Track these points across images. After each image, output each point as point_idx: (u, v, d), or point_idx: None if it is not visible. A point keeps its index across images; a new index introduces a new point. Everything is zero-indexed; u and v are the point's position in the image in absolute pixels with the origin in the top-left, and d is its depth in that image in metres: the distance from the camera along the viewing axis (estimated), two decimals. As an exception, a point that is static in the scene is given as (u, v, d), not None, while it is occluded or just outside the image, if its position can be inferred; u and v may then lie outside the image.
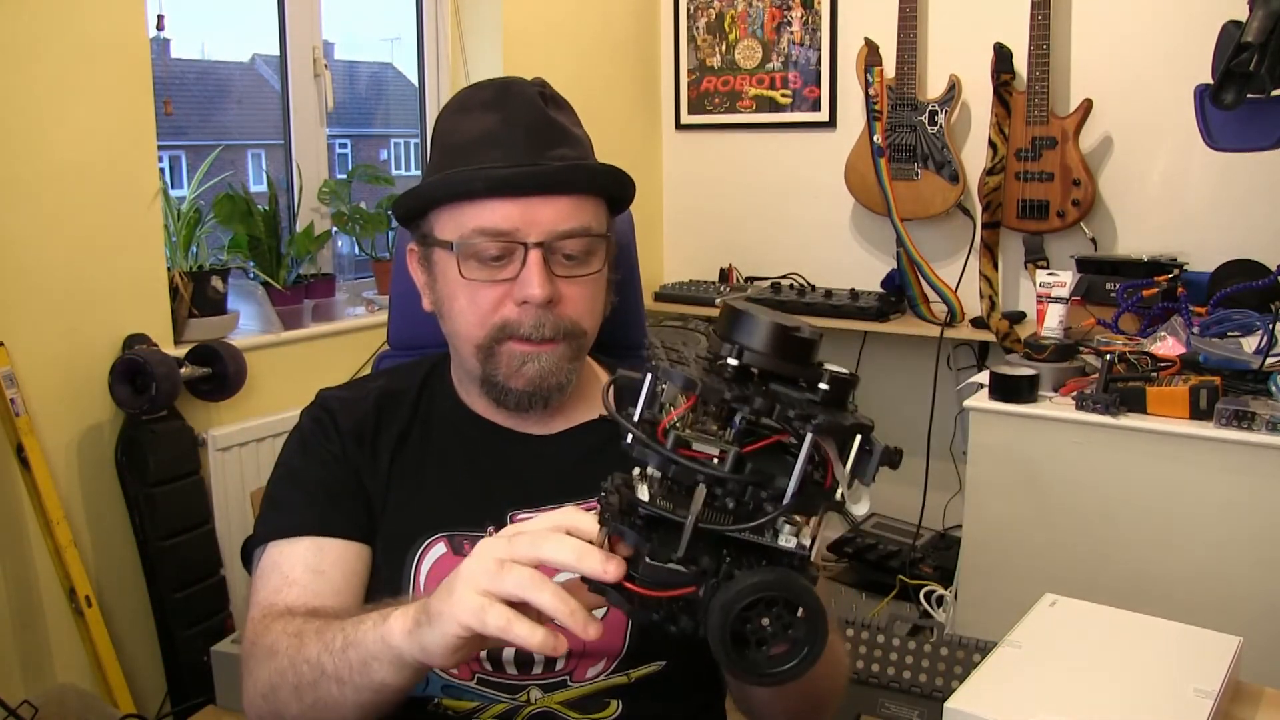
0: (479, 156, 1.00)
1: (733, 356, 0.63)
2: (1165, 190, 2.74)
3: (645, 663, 1.02)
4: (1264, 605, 1.79)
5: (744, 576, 0.62)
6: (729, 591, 0.62)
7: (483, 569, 0.70)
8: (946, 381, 3.01)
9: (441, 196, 1.02)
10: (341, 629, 0.83)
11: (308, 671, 0.83)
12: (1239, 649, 0.94)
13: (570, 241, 1.01)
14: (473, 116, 1.04)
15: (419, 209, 1.05)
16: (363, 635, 0.80)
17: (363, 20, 2.96)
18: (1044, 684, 0.87)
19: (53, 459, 1.96)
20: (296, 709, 0.85)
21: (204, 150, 2.45)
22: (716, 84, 3.42)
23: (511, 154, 0.99)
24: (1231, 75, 1.98)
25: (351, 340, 2.54)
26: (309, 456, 1.07)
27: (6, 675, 1.91)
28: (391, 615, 0.78)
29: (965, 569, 2.15)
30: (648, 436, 0.65)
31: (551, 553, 0.68)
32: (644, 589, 0.64)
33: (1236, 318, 2.09)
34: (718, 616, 0.62)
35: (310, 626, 0.87)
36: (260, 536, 1.03)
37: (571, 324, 1.03)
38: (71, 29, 1.95)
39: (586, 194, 1.02)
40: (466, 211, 1.00)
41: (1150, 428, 1.89)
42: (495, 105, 1.04)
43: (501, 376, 1.03)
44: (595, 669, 1.01)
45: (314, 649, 0.84)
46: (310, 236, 2.52)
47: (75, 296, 1.99)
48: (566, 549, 0.68)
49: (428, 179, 1.05)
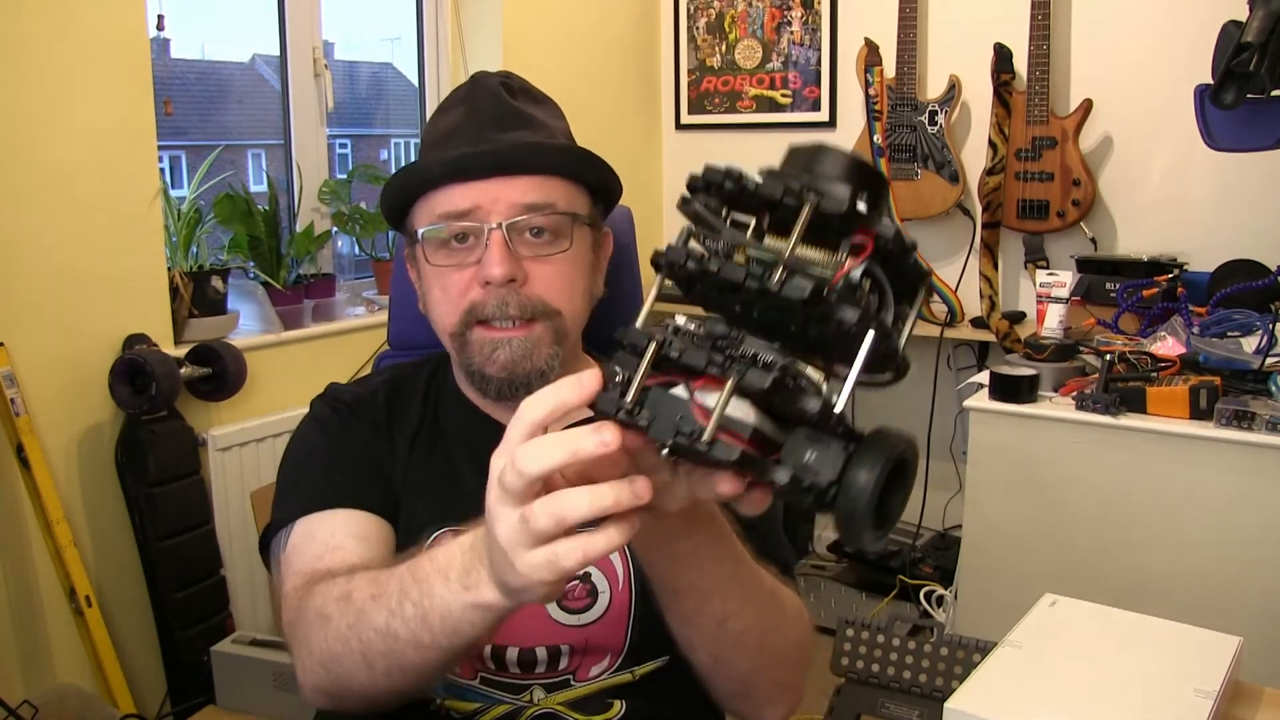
0: (444, 149, 1.02)
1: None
2: (1165, 190, 2.74)
3: (649, 659, 1.01)
4: (1264, 605, 1.79)
5: (883, 434, 0.56)
6: (882, 449, 0.54)
7: (512, 530, 0.62)
8: (946, 381, 3.01)
9: (406, 189, 1.04)
10: (403, 593, 0.76)
11: (376, 640, 0.78)
12: (1239, 649, 0.94)
13: (535, 218, 1.00)
14: (446, 115, 1.07)
15: (398, 207, 1.06)
16: (441, 601, 0.73)
17: (363, 20, 2.96)
18: (1044, 684, 0.87)
19: (53, 459, 1.96)
20: (366, 677, 0.80)
21: (204, 150, 2.45)
22: (716, 84, 3.42)
23: (472, 141, 1.01)
24: (1231, 75, 1.98)
25: (351, 340, 2.54)
26: (331, 439, 1.06)
27: (6, 675, 1.91)
28: (470, 578, 0.71)
29: (965, 569, 2.15)
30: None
31: (535, 464, 0.59)
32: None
33: (1236, 318, 2.09)
34: (867, 476, 0.54)
35: (358, 589, 0.81)
36: (286, 516, 0.99)
37: (540, 303, 1.01)
38: (71, 29, 1.95)
39: (553, 175, 1.02)
40: (433, 200, 1.01)
41: (1150, 428, 1.89)
42: (463, 100, 1.06)
43: (477, 364, 1.02)
44: (599, 667, 1.00)
45: (380, 617, 0.77)
46: (310, 236, 2.52)
47: (75, 296, 1.99)
48: (553, 448, 0.59)
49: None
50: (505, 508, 0.62)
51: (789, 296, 0.51)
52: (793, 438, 0.57)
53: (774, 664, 0.90)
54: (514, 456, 0.60)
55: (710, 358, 0.55)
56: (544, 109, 1.08)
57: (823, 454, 0.56)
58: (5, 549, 1.92)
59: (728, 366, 0.54)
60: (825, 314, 0.52)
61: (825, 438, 0.56)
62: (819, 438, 0.56)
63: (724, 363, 0.55)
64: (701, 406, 0.55)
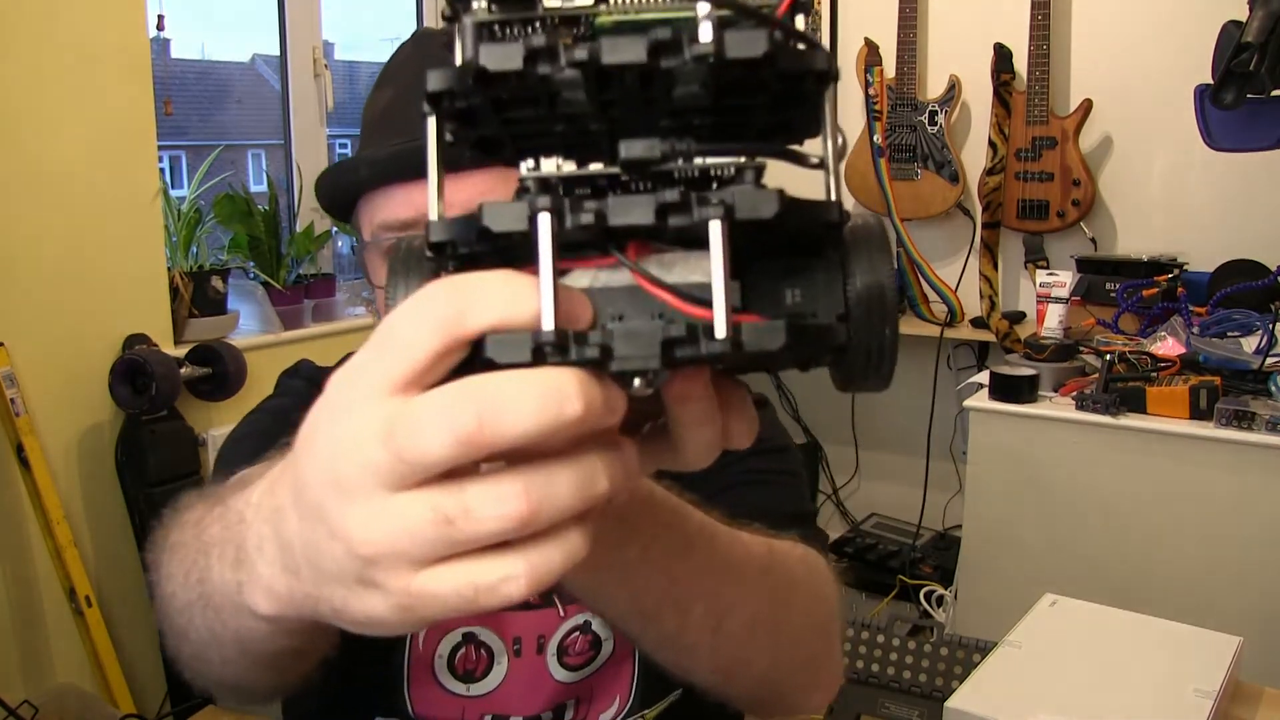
0: (377, 139, 0.82)
1: None
2: (1165, 190, 2.73)
3: (660, 696, 0.87)
4: (1264, 605, 1.79)
5: (858, 231, 0.39)
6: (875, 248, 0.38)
7: (409, 531, 0.34)
8: (946, 382, 3.01)
9: (338, 190, 0.85)
10: (202, 549, 0.52)
11: (196, 602, 0.54)
12: (1239, 649, 0.94)
13: None
14: (381, 90, 0.85)
15: (337, 209, 0.87)
16: (220, 581, 0.49)
17: (363, 20, 2.96)
18: (1044, 684, 0.87)
19: (53, 459, 1.95)
20: (190, 651, 0.59)
21: (204, 150, 2.45)
22: (716, 84, 3.41)
23: (411, 128, 0.79)
24: (1231, 75, 1.98)
25: (351, 340, 2.54)
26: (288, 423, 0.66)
27: (6, 675, 1.91)
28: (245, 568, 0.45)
29: (965, 569, 2.15)
30: None
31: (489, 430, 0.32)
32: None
33: (1236, 318, 2.09)
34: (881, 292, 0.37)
35: (207, 517, 0.54)
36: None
37: None
38: (71, 29, 1.95)
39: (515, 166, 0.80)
40: (371, 204, 0.82)
41: (1150, 428, 1.89)
42: (401, 68, 0.85)
43: None
44: (608, 714, 0.87)
45: (199, 554, 0.53)
46: (310, 236, 2.52)
47: (75, 296, 1.99)
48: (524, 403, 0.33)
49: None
50: (388, 490, 0.34)
51: (739, 56, 0.32)
52: (754, 276, 0.38)
53: (796, 645, 0.69)
54: (423, 405, 0.33)
55: (660, 204, 0.33)
56: None
57: (807, 283, 0.38)
58: (5, 549, 1.92)
59: (688, 206, 0.33)
60: (785, 72, 0.33)
61: (796, 260, 0.38)
62: (794, 266, 0.38)
63: (678, 204, 0.34)
64: (663, 285, 0.35)
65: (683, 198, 0.33)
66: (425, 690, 0.84)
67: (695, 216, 0.33)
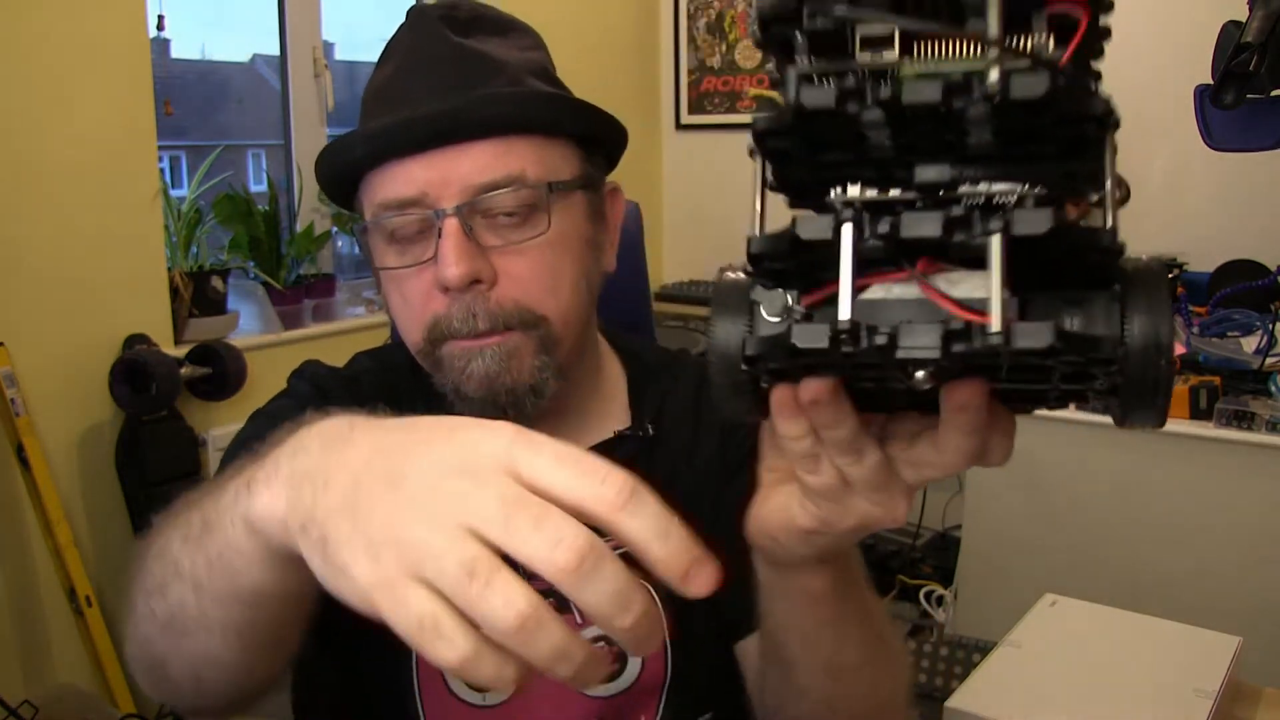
0: (376, 115, 0.80)
1: None
2: (1165, 190, 2.73)
3: (692, 718, 0.84)
4: (1264, 605, 1.79)
5: (1138, 264, 0.43)
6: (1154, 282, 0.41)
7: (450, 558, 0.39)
8: (946, 381, 3.01)
9: (335, 170, 0.82)
10: (200, 504, 0.56)
11: (159, 572, 0.58)
12: (1239, 649, 0.94)
13: (498, 198, 0.75)
14: (381, 68, 0.84)
15: (338, 192, 0.85)
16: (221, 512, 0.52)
17: (363, 20, 2.96)
18: (1044, 684, 0.87)
19: (53, 459, 1.95)
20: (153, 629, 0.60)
21: (204, 150, 2.45)
22: (716, 84, 3.42)
23: (408, 103, 0.77)
24: (1231, 75, 1.98)
25: (351, 340, 2.53)
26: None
27: (6, 675, 1.91)
28: (258, 479, 0.49)
29: (965, 569, 2.15)
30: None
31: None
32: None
33: (1236, 318, 2.09)
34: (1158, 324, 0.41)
35: (189, 503, 0.60)
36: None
37: (515, 308, 0.77)
38: (72, 29, 1.95)
39: (518, 134, 0.77)
40: (371, 184, 0.79)
41: (1150, 428, 1.89)
42: (398, 46, 0.83)
43: (453, 383, 0.79)
44: None
45: (174, 537, 0.58)
46: (310, 236, 2.53)
47: (75, 296, 1.99)
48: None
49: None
50: (467, 518, 0.39)
51: (1021, 96, 0.35)
52: (1036, 300, 0.42)
53: (879, 713, 0.73)
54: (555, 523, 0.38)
55: (948, 218, 0.38)
56: (507, 40, 0.83)
57: (1086, 311, 0.41)
58: (5, 549, 1.92)
59: (971, 223, 0.38)
60: (1065, 114, 0.38)
61: (1078, 292, 0.42)
62: (1074, 297, 0.42)
63: (962, 220, 0.38)
64: (948, 297, 0.39)
65: (967, 214, 0.38)
66: (437, 699, 0.81)
67: (977, 230, 0.38)
